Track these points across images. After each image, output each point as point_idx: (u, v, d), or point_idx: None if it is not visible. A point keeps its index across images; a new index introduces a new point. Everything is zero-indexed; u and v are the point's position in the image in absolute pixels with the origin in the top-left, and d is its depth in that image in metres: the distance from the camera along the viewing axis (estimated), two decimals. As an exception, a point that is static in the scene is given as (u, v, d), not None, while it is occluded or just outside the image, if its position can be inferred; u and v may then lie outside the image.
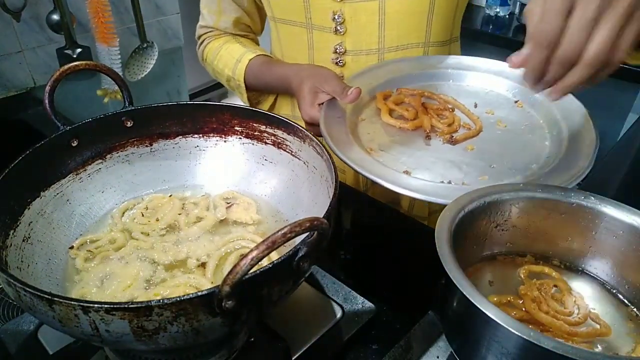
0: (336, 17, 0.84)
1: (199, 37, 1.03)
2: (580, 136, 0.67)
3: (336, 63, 0.89)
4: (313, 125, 0.78)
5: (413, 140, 0.71)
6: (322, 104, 0.76)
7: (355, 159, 0.64)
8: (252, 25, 1.01)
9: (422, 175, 0.64)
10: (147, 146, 0.70)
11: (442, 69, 0.85)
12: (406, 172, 0.64)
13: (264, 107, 1.01)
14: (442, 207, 0.53)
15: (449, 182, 0.63)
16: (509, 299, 0.52)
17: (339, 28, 0.85)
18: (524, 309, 0.51)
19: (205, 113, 0.69)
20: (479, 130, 0.73)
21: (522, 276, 0.55)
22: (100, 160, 0.66)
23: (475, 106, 0.77)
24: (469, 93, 0.81)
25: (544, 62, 0.51)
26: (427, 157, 0.68)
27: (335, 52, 0.88)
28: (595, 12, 0.47)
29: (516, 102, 0.78)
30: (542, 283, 0.54)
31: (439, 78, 0.83)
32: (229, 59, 0.95)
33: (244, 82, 0.94)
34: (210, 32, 1.00)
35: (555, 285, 0.54)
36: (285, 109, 0.99)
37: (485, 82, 0.82)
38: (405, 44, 0.86)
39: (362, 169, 0.62)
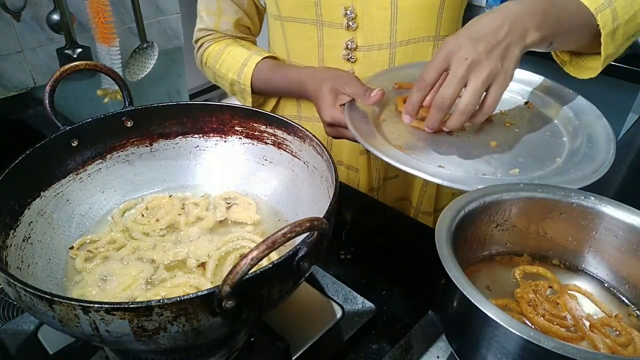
0: (348, 13, 0.84)
1: (197, 40, 1.01)
2: (595, 130, 0.69)
3: (347, 59, 0.88)
4: (334, 126, 0.77)
5: (437, 138, 0.72)
6: (343, 105, 0.75)
7: (391, 154, 0.64)
8: (251, 26, 1.00)
9: (455, 170, 0.64)
10: (147, 146, 0.70)
11: None
12: (441, 167, 0.65)
13: (267, 108, 1.00)
14: (448, 204, 0.53)
15: (484, 175, 0.63)
16: (505, 302, 0.52)
17: (350, 24, 0.85)
18: (521, 313, 0.51)
19: (205, 113, 0.69)
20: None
21: (518, 277, 0.55)
22: (100, 160, 0.66)
23: None
24: None
25: (420, 102, 0.67)
26: (454, 153, 0.68)
27: (347, 48, 0.87)
28: (465, 72, 0.60)
29: (526, 103, 0.80)
30: (537, 284, 0.53)
31: None
32: (232, 62, 0.94)
33: (251, 85, 0.93)
34: (209, 35, 0.99)
35: (550, 287, 0.54)
36: (290, 110, 0.99)
37: None
38: (416, 37, 0.86)
39: (402, 164, 0.62)
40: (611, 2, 0.67)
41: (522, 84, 0.81)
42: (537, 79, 0.81)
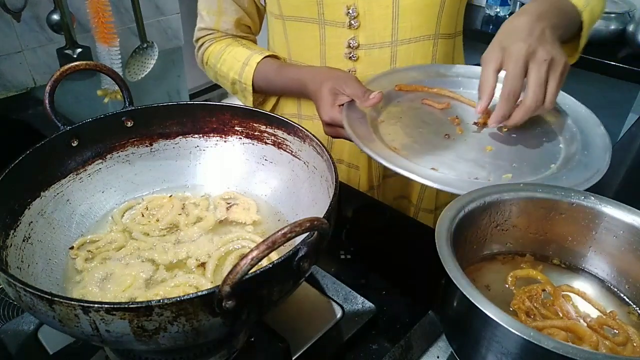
0: (350, 12, 0.84)
1: (198, 40, 1.01)
2: (592, 138, 0.69)
3: (349, 58, 0.89)
4: (332, 126, 0.78)
5: (433, 141, 0.72)
6: (342, 105, 0.76)
7: (383, 155, 0.65)
8: (252, 25, 1.01)
9: (448, 172, 0.65)
10: (147, 146, 0.70)
11: (452, 77, 0.86)
12: (433, 169, 0.65)
13: (267, 107, 1.00)
14: (448, 201, 0.54)
15: (476, 179, 0.64)
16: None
17: (352, 22, 0.85)
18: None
19: (205, 113, 0.69)
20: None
21: (510, 285, 0.55)
22: (100, 160, 0.66)
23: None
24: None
25: (510, 112, 0.68)
26: (449, 156, 0.69)
27: (349, 46, 0.88)
28: (545, 74, 0.65)
29: None
30: (531, 289, 0.53)
31: (450, 85, 0.85)
32: (234, 62, 0.94)
33: (252, 85, 0.93)
34: (210, 34, 0.99)
35: (543, 289, 0.54)
36: (290, 108, 0.99)
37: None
38: (417, 36, 0.87)
39: (393, 164, 0.63)
40: (589, 2, 0.75)
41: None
42: None
